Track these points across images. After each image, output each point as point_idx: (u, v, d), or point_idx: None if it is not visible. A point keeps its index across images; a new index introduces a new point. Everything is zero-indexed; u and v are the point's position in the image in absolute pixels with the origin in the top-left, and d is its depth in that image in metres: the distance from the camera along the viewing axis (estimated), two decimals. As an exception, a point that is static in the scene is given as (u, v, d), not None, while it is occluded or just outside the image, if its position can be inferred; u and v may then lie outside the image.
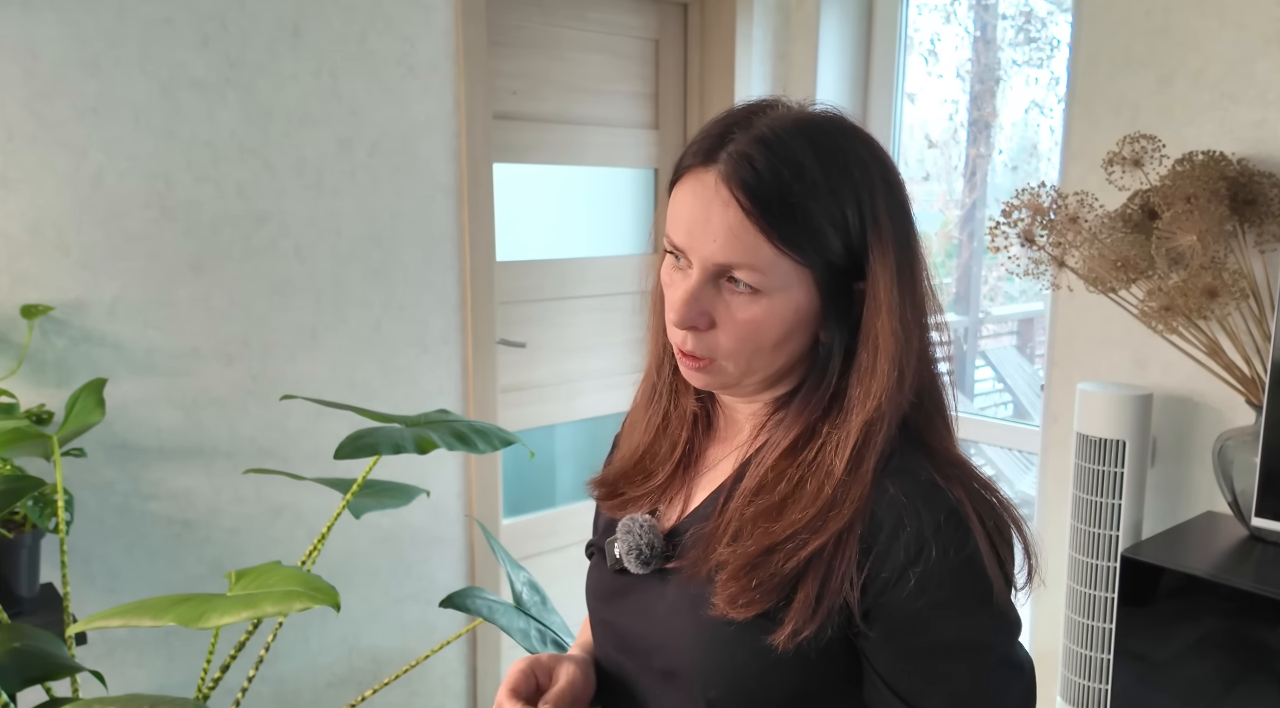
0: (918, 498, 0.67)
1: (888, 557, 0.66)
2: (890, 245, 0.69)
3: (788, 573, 0.67)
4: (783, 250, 0.67)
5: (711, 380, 0.74)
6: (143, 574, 1.82)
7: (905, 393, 0.70)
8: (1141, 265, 1.70)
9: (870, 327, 0.69)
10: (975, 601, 0.66)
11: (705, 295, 0.70)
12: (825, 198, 0.67)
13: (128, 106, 1.69)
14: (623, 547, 0.76)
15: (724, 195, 0.67)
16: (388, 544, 2.15)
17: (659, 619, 0.75)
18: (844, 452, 0.68)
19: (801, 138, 0.68)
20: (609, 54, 2.49)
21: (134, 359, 1.76)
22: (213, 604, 1.00)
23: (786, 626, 0.66)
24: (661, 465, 0.81)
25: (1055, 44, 3.06)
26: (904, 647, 0.67)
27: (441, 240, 2.13)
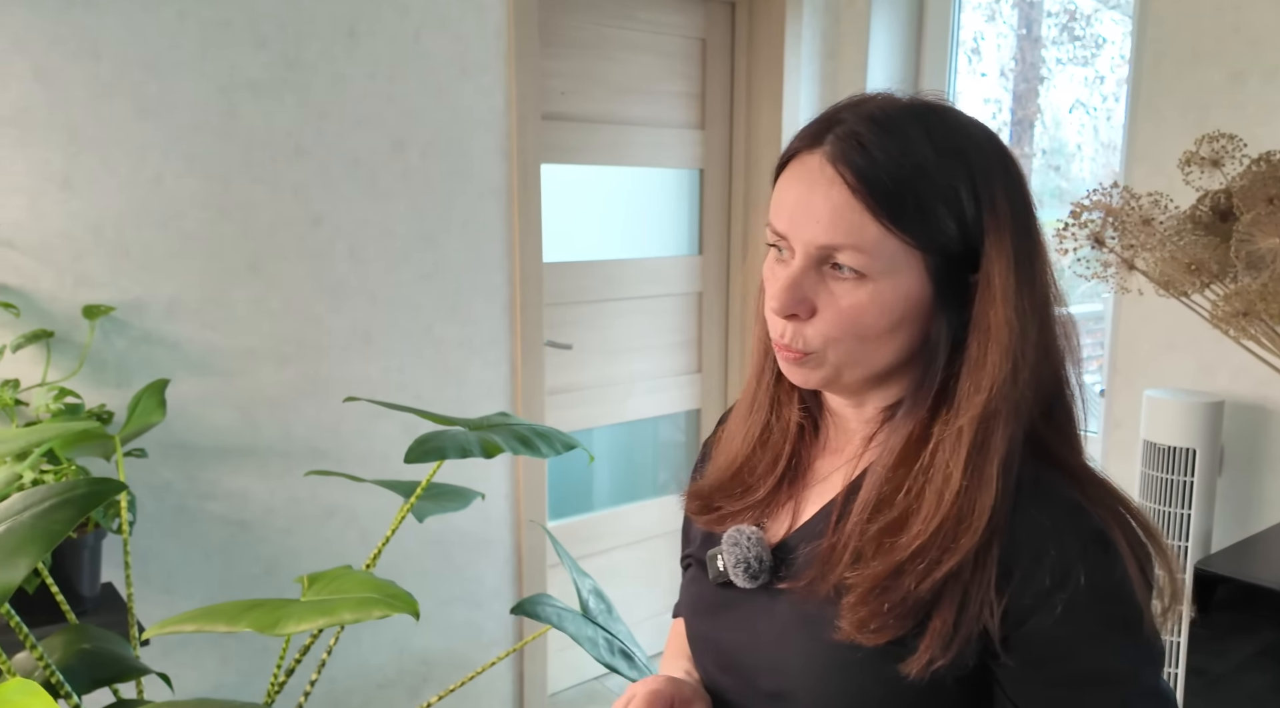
0: (1062, 520, 0.63)
1: (1030, 583, 0.62)
2: (1008, 231, 0.65)
3: (921, 596, 0.63)
4: (890, 230, 0.63)
5: (812, 375, 0.69)
6: (198, 574, 1.83)
7: (1022, 391, 0.65)
8: (1214, 268, 1.65)
9: (982, 316, 0.65)
10: (1122, 629, 0.63)
11: (807, 282, 0.66)
12: (937, 176, 0.63)
13: (187, 108, 1.70)
14: (729, 559, 0.72)
15: (829, 174, 0.64)
16: (437, 546, 2.14)
17: (769, 638, 0.71)
18: (960, 454, 0.64)
19: (913, 118, 0.65)
20: (656, 54, 2.47)
21: (191, 360, 1.76)
22: (288, 611, 0.99)
23: (921, 654, 0.62)
24: (762, 479, 0.77)
25: (1100, 42, 3.00)
26: (1047, 677, 0.63)
27: (491, 241, 2.12)
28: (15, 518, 0.84)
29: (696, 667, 0.81)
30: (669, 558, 2.76)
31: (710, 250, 2.68)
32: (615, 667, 1.17)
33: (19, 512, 0.85)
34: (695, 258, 2.65)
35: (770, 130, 2.58)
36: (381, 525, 2.05)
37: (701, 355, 2.72)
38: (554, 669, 2.52)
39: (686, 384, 2.70)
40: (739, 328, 2.74)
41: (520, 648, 1.28)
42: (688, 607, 0.81)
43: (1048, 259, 0.68)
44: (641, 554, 2.69)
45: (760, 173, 2.62)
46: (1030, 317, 0.65)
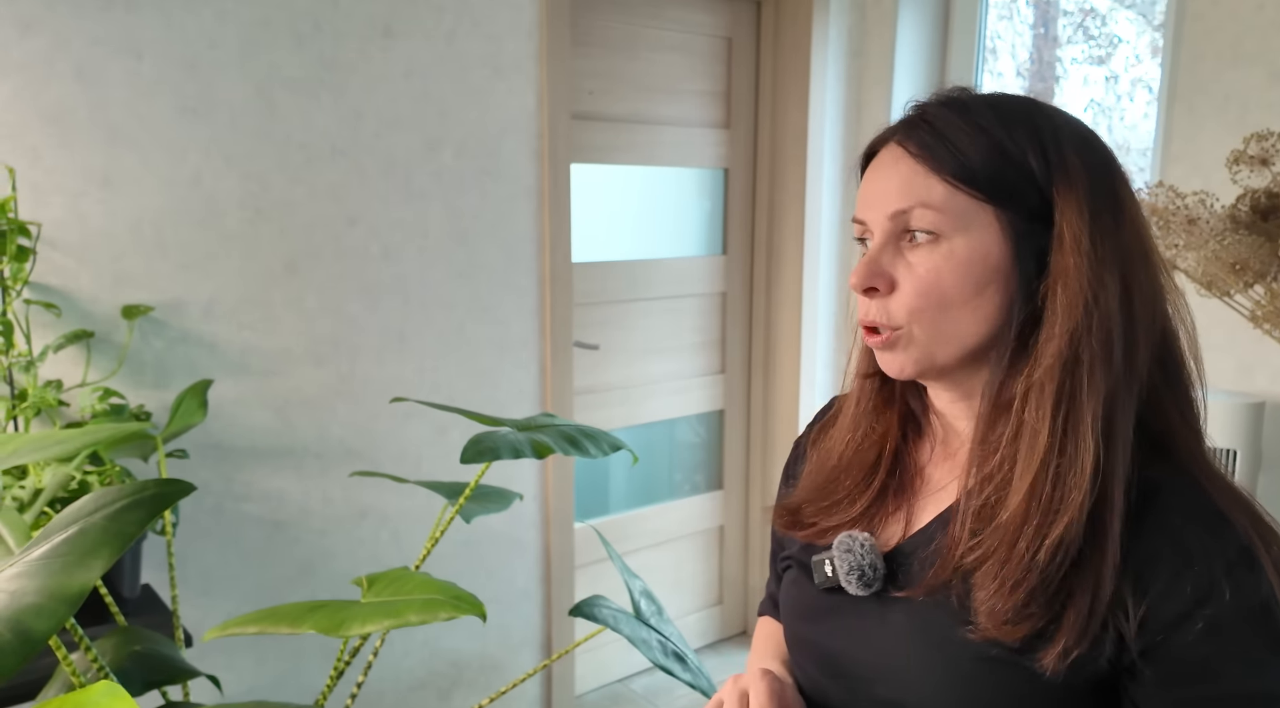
0: (1206, 533, 0.61)
1: (1172, 597, 0.60)
2: (1081, 186, 0.64)
3: (1045, 569, 0.61)
4: (956, 185, 0.64)
5: (905, 359, 0.68)
6: (234, 575, 1.82)
7: (1108, 345, 0.62)
8: (1258, 268, 1.64)
9: (1056, 266, 0.64)
10: (1269, 648, 0.60)
11: (884, 257, 0.67)
12: (1000, 135, 0.65)
13: (225, 107, 1.69)
14: (841, 566, 0.70)
15: (897, 153, 0.68)
16: (468, 547, 2.14)
17: (886, 647, 0.69)
18: (1045, 408, 0.62)
19: (981, 96, 0.68)
20: (682, 53, 2.46)
21: (228, 360, 1.76)
22: (351, 612, 0.99)
23: (1057, 643, 0.60)
24: (857, 493, 0.75)
25: (1115, 41, 2.99)
26: (1187, 695, 0.61)
27: (523, 241, 2.12)
28: (88, 519, 0.84)
29: (795, 669, 0.80)
30: (694, 559, 2.75)
31: (734, 251, 2.67)
32: (669, 668, 1.17)
33: (91, 513, 0.84)
34: (719, 258, 2.65)
35: (795, 130, 2.57)
36: (413, 526, 2.04)
37: (725, 356, 2.71)
38: (581, 671, 2.51)
39: (710, 385, 2.69)
40: (762, 329, 2.73)
41: (568, 652, 1.27)
42: (790, 610, 0.79)
43: (1139, 223, 0.66)
44: (667, 556, 2.68)
45: (785, 172, 2.62)
46: (1110, 266, 0.63)
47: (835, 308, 2.69)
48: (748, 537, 2.87)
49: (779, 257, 2.66)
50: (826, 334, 2.69)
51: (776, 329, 2.71)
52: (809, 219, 2.58)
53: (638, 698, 2.53)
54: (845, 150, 2.64)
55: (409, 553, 2.05)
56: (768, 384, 2.77)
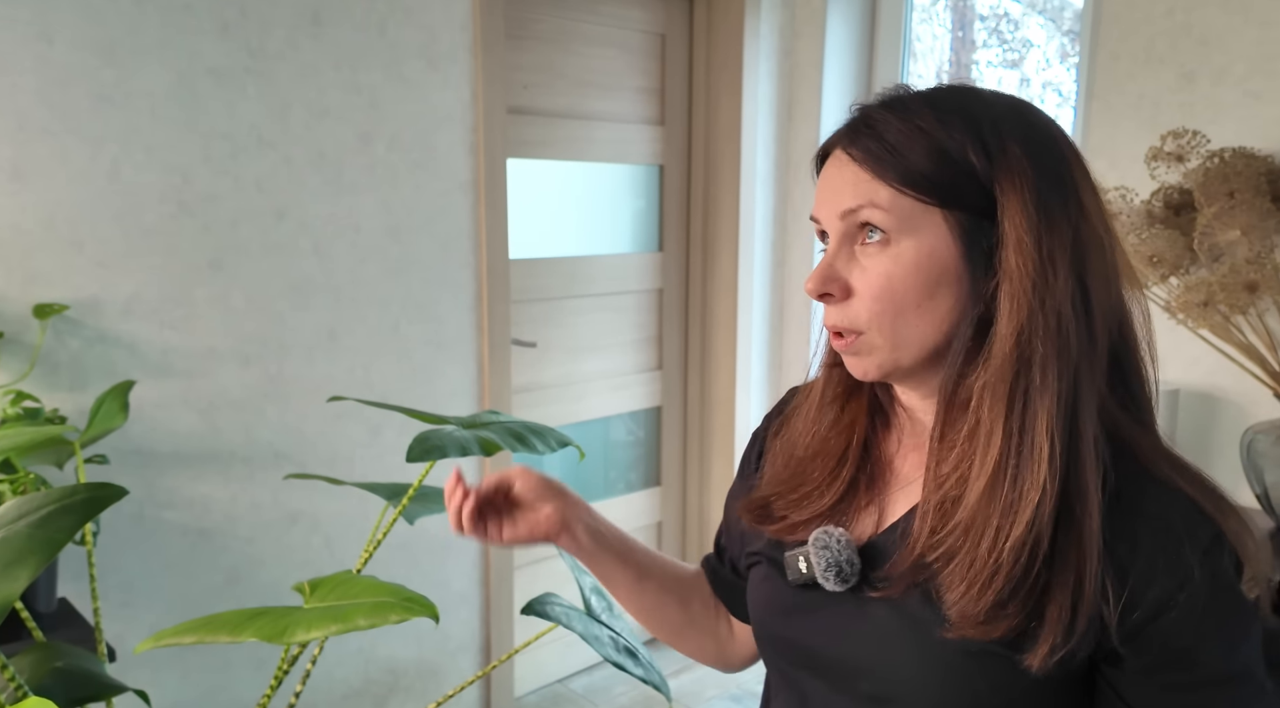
0: (1180, 522, 0.62)
1: (1151, 584, 0.61)
2: (1022, 178, 0.63)
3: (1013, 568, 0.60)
4: (900, 189, 0.65)
5: (869, 362, 0.68)
6: (157, 586, 1.74)
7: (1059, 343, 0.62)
8: (1173, 260, 1.72)
9: (1003, 263, 0.63)
10: (1241, 631, 0.62)
11: (839, 261, 0.68)
12: (938, 134, 0.64)
13: (145, 96, 1.61)
14: (820, 563, 0.69)
15: (843, 158, 0.68)
16: (403, 551, 2.09)
17: (869, 642, 0.69)
18: (999, 407, 0.62)
19: (919, 94, 0.69)
20: (617, 48, 2.46)
21: (150, 361, 1.68)
22: (296, 618, 0.95)
23: (1043, 643, 0.60)
24: (825, 486, 0.74)
25: (1027, 45, 3.10)
26: (1167, 680, 0.63)
27: (458, 237, 2.08)
28: (10, 527, 0.78)
29: (768, 663, 0.80)
30: (633, 556, 2.74)
31: (671, 247, 2.68)
32: (622, 664, 1.16)
33: (14, 521, 0.79)
34: (656, 255, 2.65)
35: (729, 127, 2.59)
36: (346, 531, 1.99)
37: (662, 353, 2.71)
38: (520, 673, 2.48)
39: (647, 382, 2.69)
40: (699, 325, 2.75)
41: (513, 654, 1.25)
42: (762, 608, 0.78)
43: (1093, 212, 0.66)
44: (606, 553, 2.67)
45: (719, 169, 2.63)
46: (1059, 260, 0.63)
47: (770, 304, 2.72)
48: (685, 533, 2.87)
49: (714, 253, 2.67)
50: (762, 330, 2.72)
51: (713, 325, 2.72)
52: (743, 215, 2.60)
53: (578, 698, 2.51)
54: (778, 147, 2.67)
55: (342, 559, 1.99)
56: (704, 380, 2.78)
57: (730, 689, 2.54)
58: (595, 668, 2.64)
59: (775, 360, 2.79)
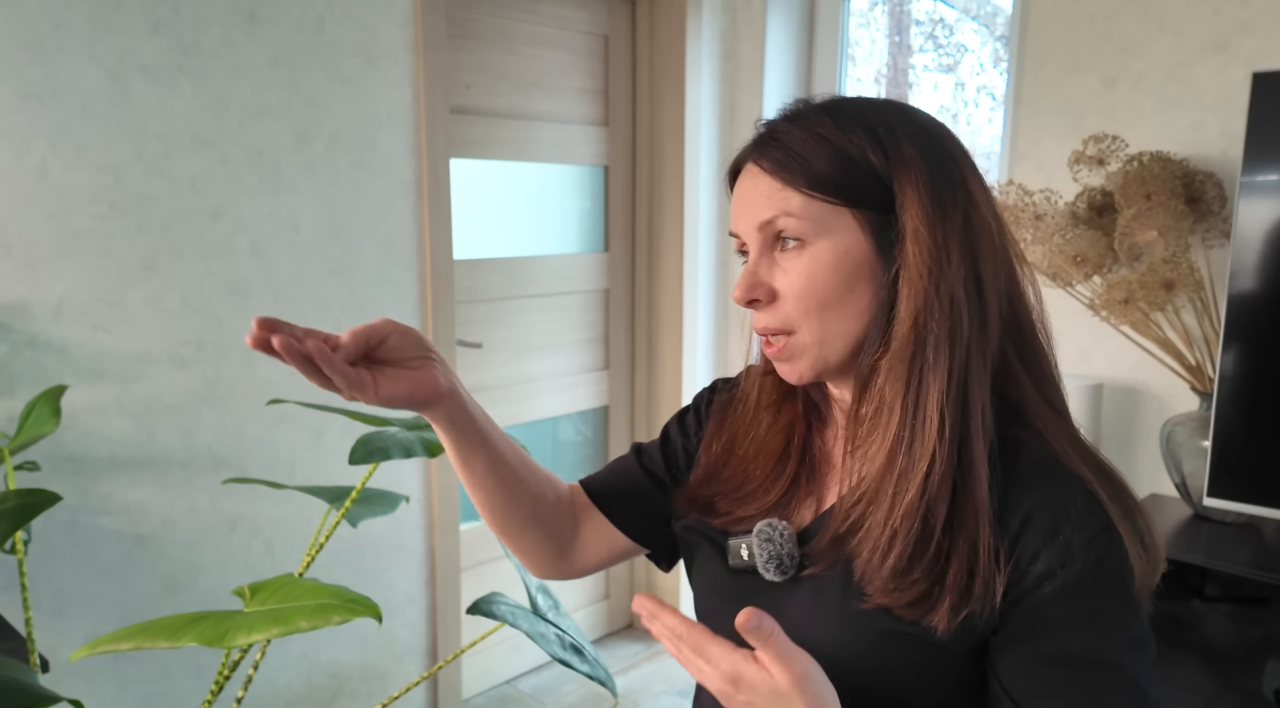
0: (1072, 506, 0.65)
1: (1036, 560, 0.65)
2: (915, 172, 0.68)
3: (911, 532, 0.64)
4: (809, 193, 0.69)
5: (801, 365, 0.72)
6: (92, 594, 1.70)
7: (950, 323, 0.67)
8: (1096, 260, 1.79)
9: (902, 255, 0.68)
10: (1119, 618, 0.65)
11: (761, 269, 0.71)
12: (838, 139, 0.69)
13: (74, 94, 1.58)
14: (762, 554, 0.72)
15: (754, 171, 0.72)
16: (347, 554, 2.07)
17: (798, 622, 0.72)
18: (898, 384, 0.67)
19: (819, 104, 0.73)
20: (560, 49, 2.46)
21: (82, 365, 1.64)
22: (236, 622, 0.94)
23: (944, 602, 0.64)
24: (772, 480, 0.78)
25: (962, 50, 3.19)
26: (1033, 650, 0.65)
27: (401, 237, 2.07)
28: (-64, 535, 0.77)
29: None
30: (581, 555, 2.75)
31: (616, 247, 2.70)
32: (568, 661, 1.17)
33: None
34: (602, 255, 2.66)
35: (673, 128, 2.61)
36: (288, 536, 1.96)
37: (609, 353, 2.73)
38: (468, 675, 2.47)
39: (594, 382, 2.71)
40: (645, 324, 2.77)
41: (458, 655, 1.25)
42: (704, 589, 0.81)
43: (983, 203, 0.70)
44: (554, 553, 2.67)
45: (663, 171, 2.66)
46: (952, 249, 0.68)
47: (715, 303, 2.76)
48: (632, 531, 2.89)
49: (659, 253, 2.70)
50: (707, 329, 2.75)
51: (658, 325, 2.75)
52: (688, 216, 2.63)
53: (526, 698, 2.51)
54: (721, 149, 2.70)
55: (284, 564, 1.96)
56: (651, 379, 2.80)
57: (679, 684, 2.57)
58: (543, 668, 2.65)
59: (721, 359, 2.82)
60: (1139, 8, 1.94)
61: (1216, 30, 1.85)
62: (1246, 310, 1.60)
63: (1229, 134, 1.83)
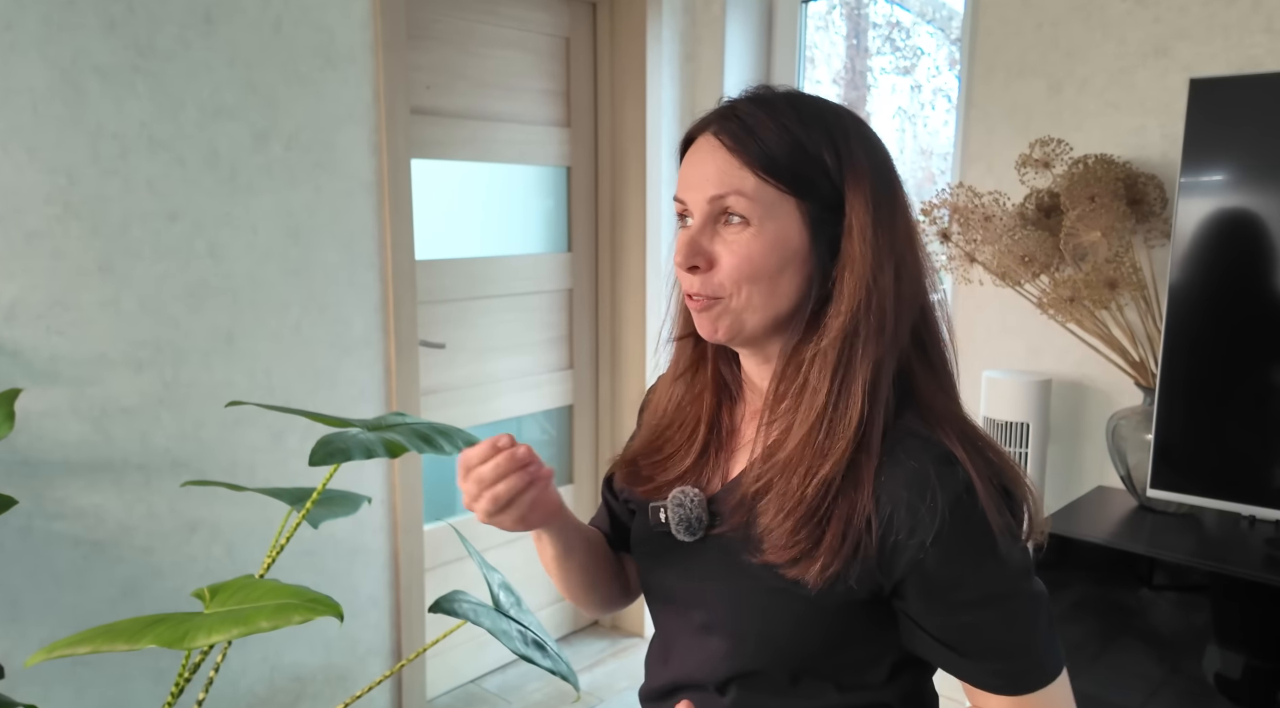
0: (934, 472, 0.72)
1: (907, 528, 0.71)
2: (866, 181, 0.74)
3: (811, 501, 0.72)
4: (766, 179, 0.74)
5: (719, 324, 0.78)
6: (48, 600, 1.68)
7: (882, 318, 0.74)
8: (1043, 260, 1.84)
9: (846, 251, 0.74)
10: (991, 560, 0.72)
11: (704, 238, 0.76)
12: (801, 135, 0.74)
13: (26, 94, 1.56)
14: (673, 517, 0.81)
15: (714, 143, 0.76)
16: (309, 557, 2.06)
17: (698, 577, 0.81)
18: (826, 370, 0.74)
19: (782, 95, 0.78)
20: (521, 50, 2.47)
21: (35, 368, 1.62)
22: (195, 623, 0.94)
23: (816, 561, 0.71)
24: (684, 448, 0.85)
25: (919, 53, 3.25)
26: (939, 606, 0.73)
27: (362, 238, 2.06)
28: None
29: (649, 595, 0.91)
30: (545, 554, 2.77)
31: (579, 247, 2.71)
32: (531, 657, 1.18)
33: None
34: (565, 255, 2.68)
35: (634, 130, 2.64)
36: (248, 538, 1.95)
37: (573, 352, 2.75)
38: (432, 675, 2.48)
39: (558, 381, 2.72)
40: (608, 324, 2.79)
41: (420, 654, 1.26)
42: (637, 547, 0.91)
43: (908, 213, 0.78)
44: (517, 553, 2.69)
45: (625, 171, 2.68)
46: (887, 253, 0.75)
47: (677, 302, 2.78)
48: (596, 529, 2.91)
49: (622, 253, 2.72)
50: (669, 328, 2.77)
51: (622, 324, 2.77)
52: (650, 216, 2.65)
53: (491, 697, 2.52)
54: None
55: (244, 567, 1.95)
56: (615, 378, 2.82)
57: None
58: (508, 667, 2.66)
59: (682, 358, 2.85)
60: (1083, 15, 2.00)
61: (1156, 37, 1.91)
62: (1186, 308, 1.66)
63: (1169, 137, 1.90)
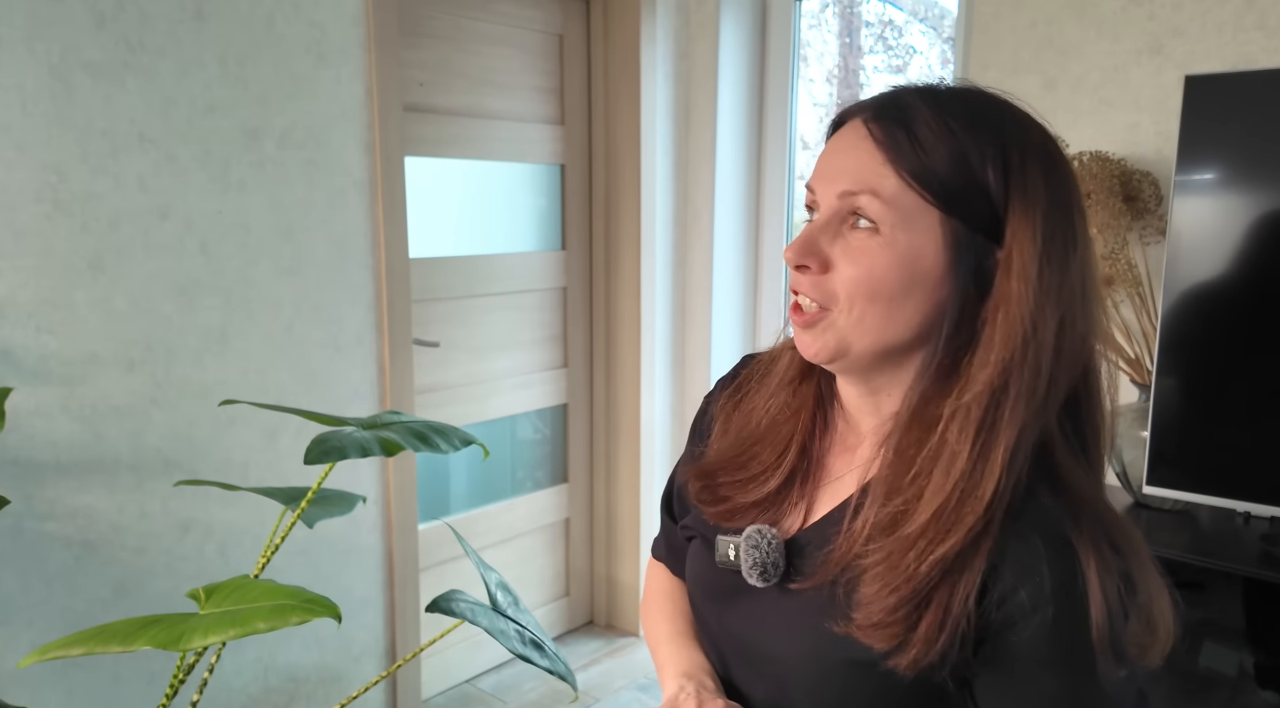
0: (1047, 553, 0.62)
1: (1005, 604, 0.62)
2: (1038, 208, 0.63)
3: (922, 578, 0.62)
4: (909, 183, 0.63)
5: (822, 341, 0.67)
6: (38, 601, 1.66)
7: (1037, 377, 0.62)
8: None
9: (1001, 289, 0.63)
10: (1080, 675, 0.62)
11: (824, 236, 0.66)
12: (966, 139, 0.63)
13: (15, 91, 1.54)
14: (747, 559, 0.71)
15: (861, 132, 0.66)
16: (303, 557, 2.05)
17: (776, 634, 0.71)
18: (968, 432, 0.62)
19: (958, 93, 0.67)
20: (514, 47, 2.46)
21: (26, 367, 1.60)
22: (191, 624, 0.93)
23: (911, 648, 0.62)
24: (771, 471, 0.75)
25: (911, 52, 3.26)
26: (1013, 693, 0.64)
27: (355, 236, 2.05)
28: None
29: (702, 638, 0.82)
30: (541, 554, 2.76)
31: (574, 246, 2.70)
32: (528, 657, 1.18)
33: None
34: (559, 253, 2.67)
35: (629, 128, 2.63)
36: (241, 538, 1.94)
37: (567, 351, 2.74)
38: (427, 675, 2.47)
39: (553, 380, 2.71)
40: (603, 322, 2.78)
41: (415, 655, 1.25)
42: (695, 582, 0.81)
43: (1089, 257, 0.66)
44: (514, 551, 2.68)
45: (620, 169, 2.67)
46: (1053, 300, 0.63)
47: (672, 301, 2.77)
48: (593, 529, 2.90)
49: (617, 251, 2.71)
50: (665, 327, 2.77)
51: (617, 323, 2.76)
52: (645, 215, 2.64)
53: (486, 697, 2.51)
54: (676, 148, 2.73)
55: (238, 568, 1.94)
56: (610, 377, 2.82)
57: (638, 679, 2.58)
58: (504, 666, 2.65)
59: (679, 357, 2.84)
60: (1077, 12, 2.00)
61: (1150, 35, 1.91)
62: (1182, 305, 1.66)
63: (1164, 134, 1.90)
